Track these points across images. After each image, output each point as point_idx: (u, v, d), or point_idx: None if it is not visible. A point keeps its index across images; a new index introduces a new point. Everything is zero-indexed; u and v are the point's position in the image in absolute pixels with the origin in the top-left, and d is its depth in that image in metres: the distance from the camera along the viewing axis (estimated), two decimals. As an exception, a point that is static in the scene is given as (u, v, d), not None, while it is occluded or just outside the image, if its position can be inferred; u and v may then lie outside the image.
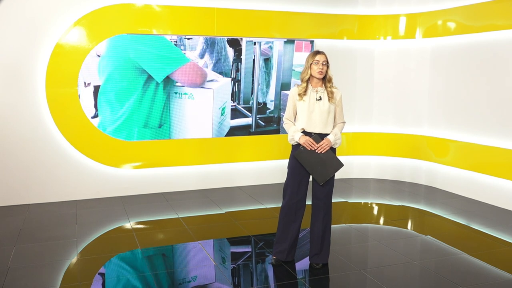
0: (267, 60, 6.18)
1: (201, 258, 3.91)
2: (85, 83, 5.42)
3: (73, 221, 4.82)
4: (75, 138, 5.53)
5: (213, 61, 5.93)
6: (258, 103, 6.25)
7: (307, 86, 3.53)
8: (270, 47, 6.16)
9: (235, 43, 6.02)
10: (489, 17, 5.44)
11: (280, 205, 3.75)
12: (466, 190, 5.88)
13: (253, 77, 6.16)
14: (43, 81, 5.33)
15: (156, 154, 5.90)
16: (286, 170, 3.63)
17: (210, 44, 5.90)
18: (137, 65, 5.60)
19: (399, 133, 6.68)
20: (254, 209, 5.35)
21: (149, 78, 5.67)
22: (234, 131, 6.22)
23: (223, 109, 6.07)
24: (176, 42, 5.73)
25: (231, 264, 3.80)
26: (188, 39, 5.79)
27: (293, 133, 3.54)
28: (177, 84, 5.80)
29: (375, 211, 5.47)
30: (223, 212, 5.20)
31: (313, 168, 3.48)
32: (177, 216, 5.01)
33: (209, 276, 3.56)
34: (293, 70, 6.32)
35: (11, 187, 5.38)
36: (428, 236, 4.44)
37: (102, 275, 3.62)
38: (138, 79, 5.64)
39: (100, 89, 5.52)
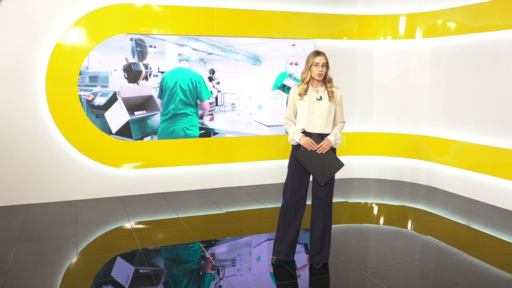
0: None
1: (201, 258, 3.91)
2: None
3: (73, 221, 4.82)
4: (75, 138, 5.53)
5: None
6: None
7: (307, 86, 3.53)
8: None
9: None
10: (489, 17, 5.43)
11: (280, 205, 3.75)
12: (466, 190, 5.88)
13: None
14: (43, 81, 5.33)
15: (156, 154, 5.90)
16: (286, 170, 3.63)
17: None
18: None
19: (399, 133, 6.68)
20: (254, 209, 5.34)
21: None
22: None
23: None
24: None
25: (231, 264, 3.80)
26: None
27: (294, 134, 3.53)
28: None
29: (375, 211, 5.46)
30: (223, 212, 5.20)
31: (314, 168, 3.48)
32: (177, 216, 5.01)
33: (208, 276, 3.56)
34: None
35: (11, 187, 5.38)
36: (428, 236, 4.44)
37: (102, 275, 3.62)
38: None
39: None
